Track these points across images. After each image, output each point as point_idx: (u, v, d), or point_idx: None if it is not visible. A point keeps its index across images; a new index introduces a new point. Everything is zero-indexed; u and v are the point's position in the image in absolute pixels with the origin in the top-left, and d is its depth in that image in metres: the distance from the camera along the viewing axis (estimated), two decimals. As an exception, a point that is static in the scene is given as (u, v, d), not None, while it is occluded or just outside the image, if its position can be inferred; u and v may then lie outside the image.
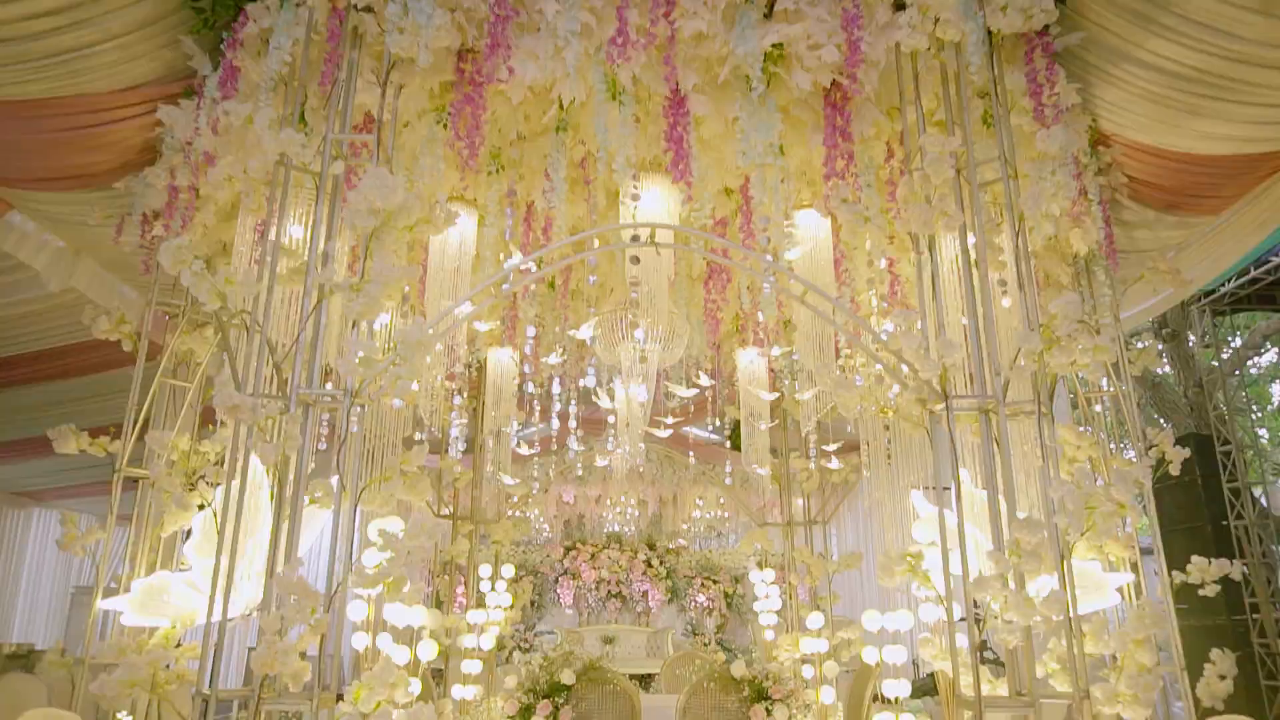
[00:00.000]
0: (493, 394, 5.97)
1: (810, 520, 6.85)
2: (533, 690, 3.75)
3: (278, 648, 2.82)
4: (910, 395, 3.41)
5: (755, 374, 6.02)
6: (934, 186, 3.36)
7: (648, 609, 11.73)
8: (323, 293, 3.29)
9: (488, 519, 6.69)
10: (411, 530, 3.11)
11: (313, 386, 3.27)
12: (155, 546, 4.60)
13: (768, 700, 3.75)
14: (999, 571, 2.97)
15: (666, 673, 6.43)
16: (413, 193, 3.39)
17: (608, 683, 3.85)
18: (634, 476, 11.33)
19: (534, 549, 12.15)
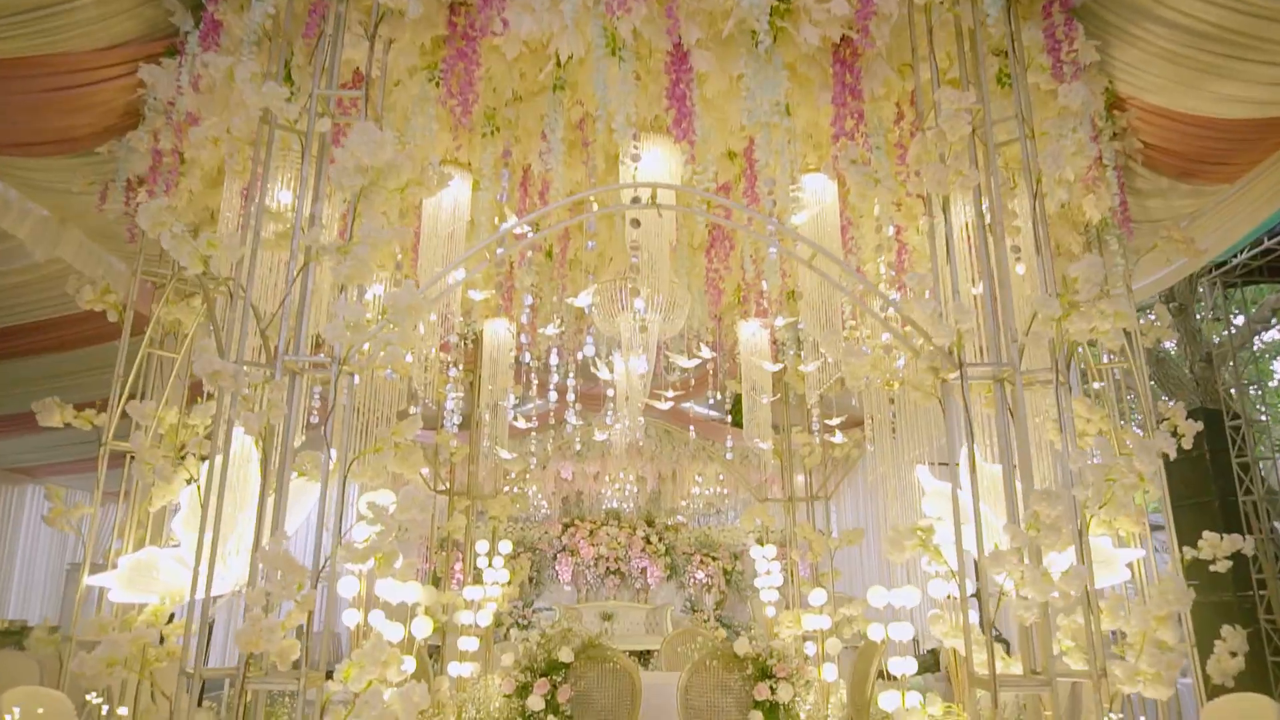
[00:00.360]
0: (489, 367, 5.82)
1: (812, 496, 6.73)
2: (530, 668, 3.62)
3: (262, 625, 2.68)
4: (923, 363, 3.26)
5: (758, 346, 5.87)
6: (949, 144, 3.20)
7: (646, 586, 11.63)
8: (309, 255, 3.13)
9: (485, 494, 6.56)
10: (403, 502, 2.97)
11: (300, 354, 3.12)
12: (144, 522, 4.47)
13: (772, 678, 3.63)
14: (1015, 546, 2.84)
15: (667, 650, 6.32)
16: (403, 152, 3.22)
17: (607, 660, 3.72)
18: (633, 453, 11.20)
19: (532, 526, 12.04)
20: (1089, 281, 3.00)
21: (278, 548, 2.73)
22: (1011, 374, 3.17)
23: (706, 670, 3.77)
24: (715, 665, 3.75)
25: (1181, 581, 2.97)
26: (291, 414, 3.14)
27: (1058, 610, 3.00)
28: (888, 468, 5.70)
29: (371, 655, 3.00)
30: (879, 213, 4.05)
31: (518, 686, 3.61)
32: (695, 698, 3.77)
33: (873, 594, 4.27)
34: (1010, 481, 3.16)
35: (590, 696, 3.72)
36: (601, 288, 4.62)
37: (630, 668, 3.76)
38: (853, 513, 10.60)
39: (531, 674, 3.62)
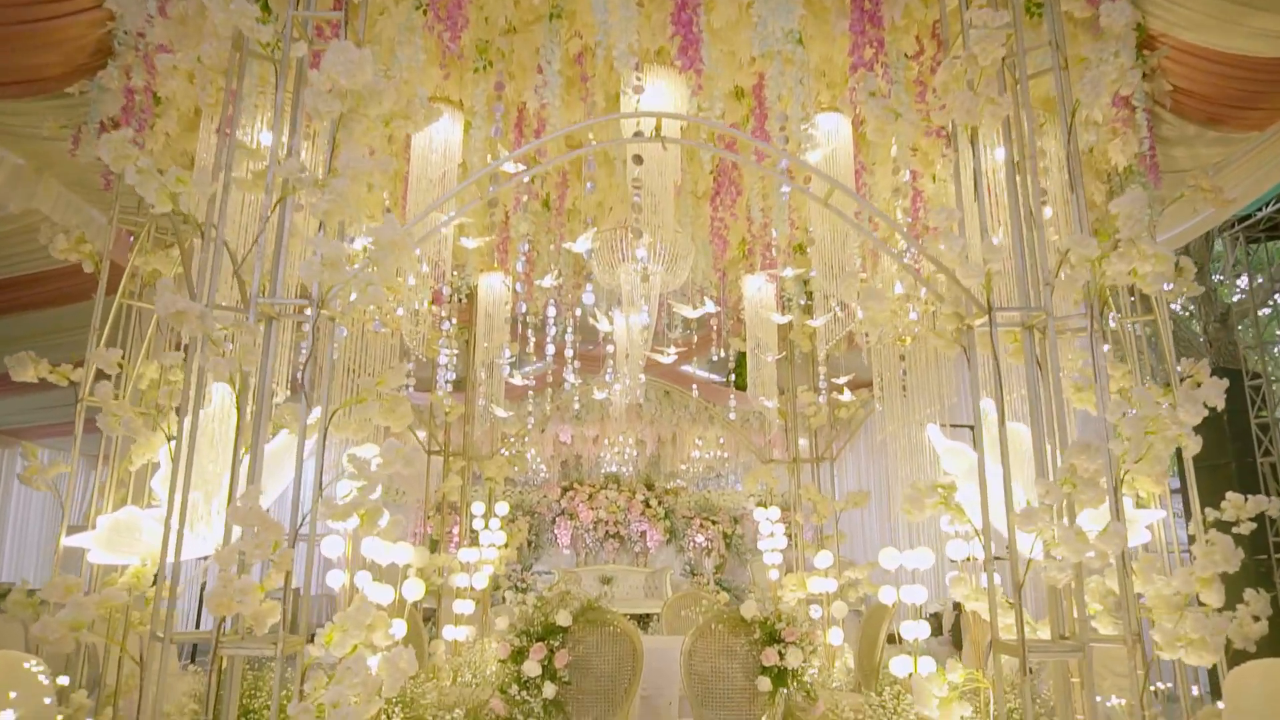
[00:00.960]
0: (484, 323, 5.57)
1: (817, 457, 6.51)
2: (526, 632, 3.42)
3: (234, 586, 2.46)
4: (946, 309, 3.01)
5: (763, 301, 5.62)
6: (979, 70, 2.93)
7: (645, 549, 11.48)
8: (285, 189, 2.87)
9: (480, 455, 6.34)
10: (386, 456, 2.73)
11: (276, 297, 2.87)
12: (126, 481, 4.26)
13: (780, 643, 3.42)
14: (1047, 502, 2.61)
15: (668, 613, 6.13)
16: (388, 82, 2.94)
17: (607, 624, 3.52)
18: (633, 416, 10.98)
19: (531, 489, 11.87)
20: (1131, 218, 2.74)
21: (251, 503, 2.50)
22: (1043, 319, 2.92)
23: (711, 634, 3.56)
24: (721, 629, 3.54)
25: (1229, 541, 2.74)
26: (267, 362, 2.90)
27: (1091, 572, 2.78)
28: (897, 427, 5.49)
29: (355, 618, 2.78)
30: (895, 154, 3.78)
31: (512, 651, 3.40)
32: (699, 663, 3.57)
33: (884, 556, 4.05)
34: (1039, 436, 2.94)
35: (589, 662, 3.52)
36: (601, 235, 4.36)
37: (631, 632, 3.55)
38: (854, 476, 10.41)
39: (527, 638, 3.41)
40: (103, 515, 3.91)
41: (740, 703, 3.53)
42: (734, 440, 11.51)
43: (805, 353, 6.42)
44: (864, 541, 10.15)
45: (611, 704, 3.53)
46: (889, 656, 4.12)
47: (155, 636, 2.72)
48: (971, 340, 3.02)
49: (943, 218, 2.74)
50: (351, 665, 2.61)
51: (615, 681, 3.54)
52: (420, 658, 4.61)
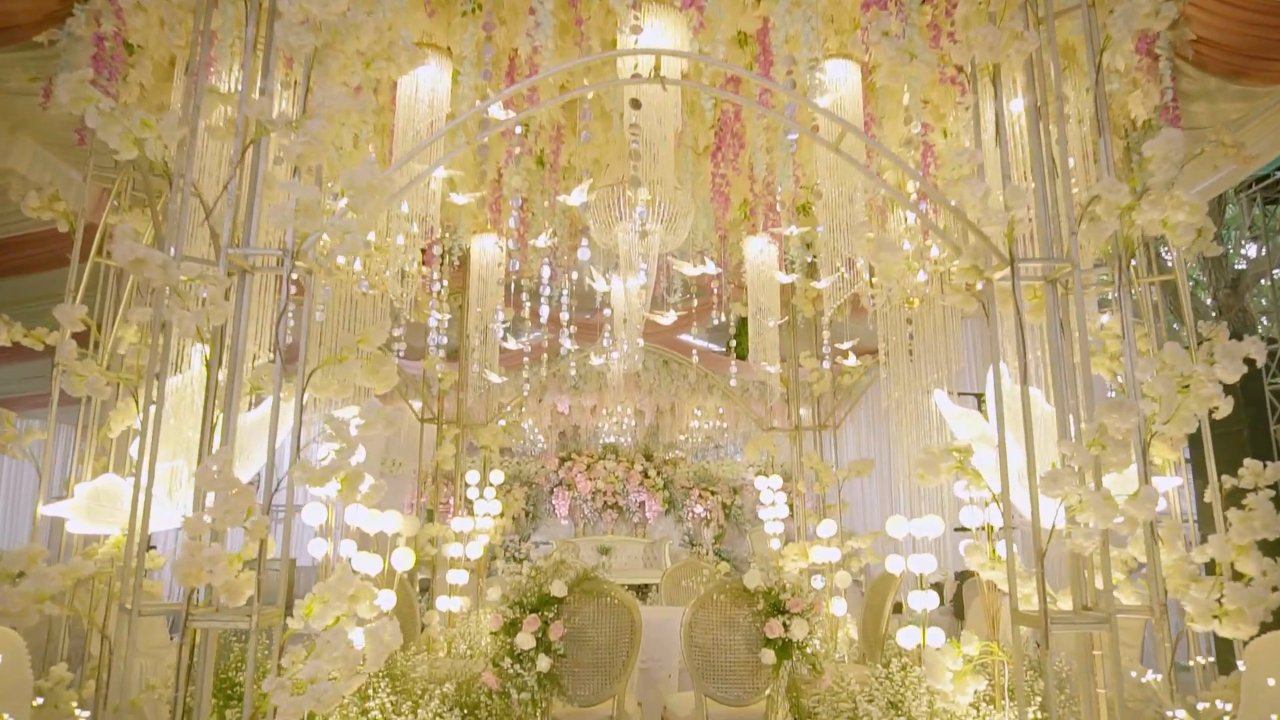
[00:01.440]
0: (477, 287, 5.36)
1: (820, 425, 6.34)
2: (519, 603, 3.25)
3: (203, 555, 2.28)
4: (964, 262, 2.81)
5: (765, 264, 5.41)
6: (1003, 2, 2.71)
7: (644, 520, 11.34)
8: (255, 131, 2.66)
9: (475, 423, 6.16)
10: (366, 415, 2.54)
11: (248, 247, 2.67)
12: (108, 449, 4.08)
13: (785, 614, 3.25)
14: (1073, 465, 2.43)
15: (667, 583, 5.96)
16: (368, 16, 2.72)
17: (604, 594, 3.34)
18: (631, 386, 10.79)
19: (529, 460, 11.71)
20: (1166, 160, 2.54)
21: (220, 466, 2.31)
22: (1067, 272, 2.73)
23: (713, 605, 3.39)
24: (723, 600, 3.38)
25: (1270, 507, 2.57)
26: (241, 318, 2.70)
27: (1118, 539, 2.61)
28: (903, 393, 5.30)
29: (337, 589, 2.61)
30: (908, 101, 3.55)
31: (505, 623, 3.23)
32: (700, 635, 3.41)
33: (892, 524, 3.88)
34: (1062, 396, 2.75)
35: (586, 634, 3.35)
36: (598, 191, 4.15)
37: (629, 602, 3.39)
38: (854, 445, 10.24)
39: (521, 610, 3.24)
40: (81, 483, 3.75)
41: (742, 675, 3.37)
42: (733, 410, 11.33)
43: (808, 318, 6.22)
44: (864, 512, 10.02)
45: (609, 677, 3.37)
46: (894, 628, 3.97)
47: (124, 609, 2.55)
48: (990, 295, 2.83)
49: (963, 159, 2.53)
50: (331, 639, 2.43)
51: (613, 654, 3.38)
52: (411, 630, 4.46)
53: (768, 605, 3.30)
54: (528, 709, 3.22)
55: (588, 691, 3.36)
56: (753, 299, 5.58)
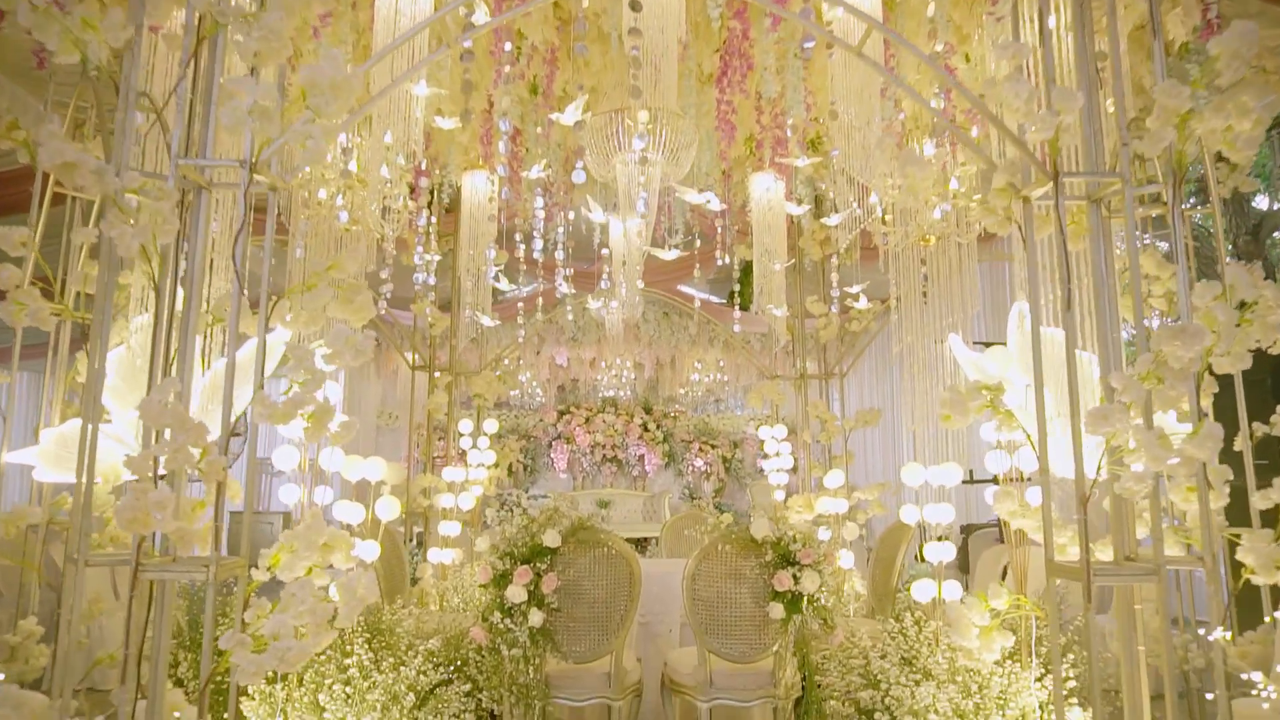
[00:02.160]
0: (469, 226, 5.05)
1: (826, 373, 6.07)
2: (509, 554, 3.00)
3: (149, 499, 2.01)
4: (999, 179, 2.51)
5: (772, 202, 5.09)
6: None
7: (644, 473, 11.14)
8: (210, 26, 2.34)
9: (468, 371, 5.89)
10: (333, 344, 2.27)
11: (204, 158, 2.37)
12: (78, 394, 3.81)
13: (795, 565, 3.01)
14: (1124, 400, 2.16)
15: (667, 535, 5.72)
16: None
17: (600, 545, 3.09)
18: (630, 338, 10.52)
19: (527, 413, 11.48)
20: (1237, 59, 2.22)
21: (167, 398, 2.04)
22: (1116, 189, 2.43)
23: (717, 556, 3.14)
24: (728, 551, 3.12)
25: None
26: (197, 238, 2.41)
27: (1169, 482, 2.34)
28: (915, 339, 5.03)
29: (306, 537, 2.35)
30: (932, 12, 3.22)
31: (494, 575, 2.99)
32: (704, 587, 3.16)
33: (907, 472, 3.63)
34: (1106, 328, 2.48)
35: (581, 586, 3.11)
36: (595, 119, 3.83)
37: (627, 553, 3.14)
38: (857, 397, 9.97)
39: (511, 561, 2.99)
40: (48, 429, 3.49)
41: (748, 630, 3.14)
42: (734, 363, 11.07)
43: (815, 261, 5.92)
44: (866, 464, 9.79)
45: (606, 632, 3.13)
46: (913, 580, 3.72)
47: (70, 559, 2.30)
48: (1028, 216, 2.54)
49: (1008, 53, 2.21)
50: (297, 591, 2.18)
51: (610, 608, 3.14)
52: (400, 583, 4.23)
53: (776, 556, 3.05)
54: (519, 666, 2.99)
55: (583, 647, 3.13)
56: (758, 241, 5.27)
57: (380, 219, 4.49)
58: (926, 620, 3.44)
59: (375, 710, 2.67)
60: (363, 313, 2.67)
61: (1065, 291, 2.35)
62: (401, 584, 4.20)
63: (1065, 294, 2.36)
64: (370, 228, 4.49)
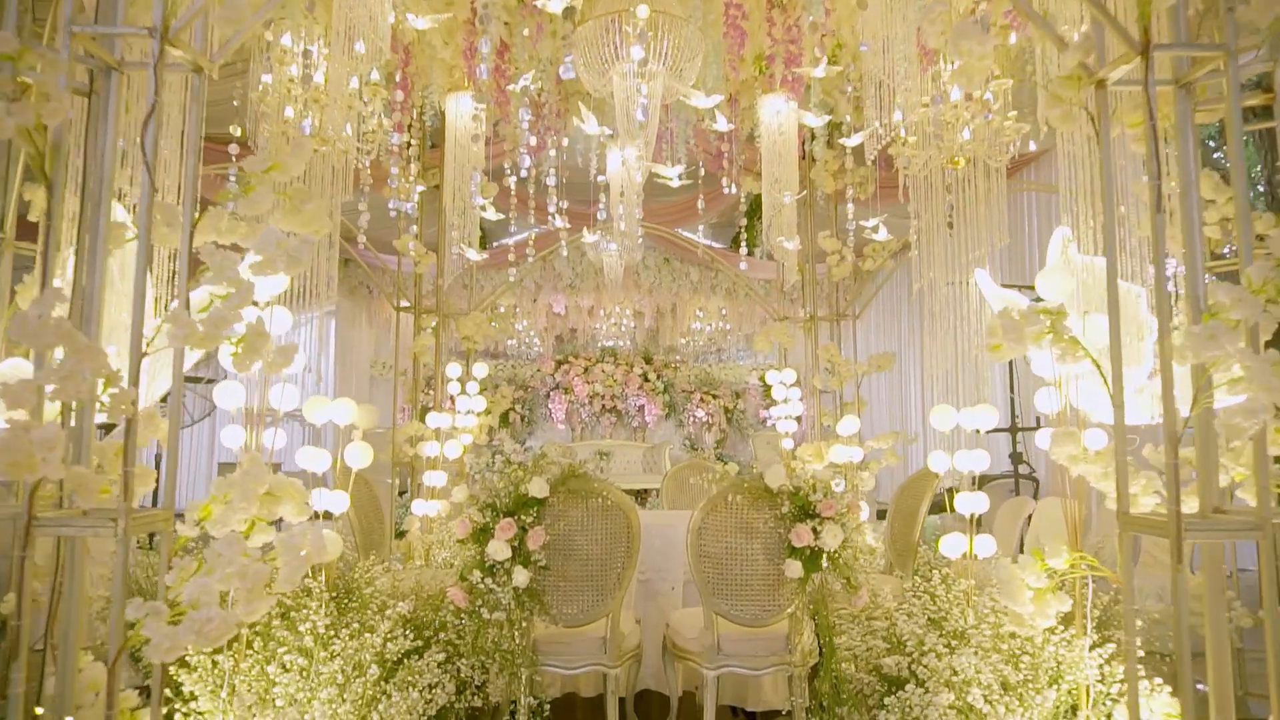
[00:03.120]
0: (454, 153, 4.59)
1: (838, 315, 5.64)
2: (491, 506, 2.61)
3: (32, 439, 1.61)
4: (1069, 57, 2.07)
5: (783, 127, 4.62)
6: None
7: (644, 424, 10.77)
8: None
9: (456, 312, 5.47)
10: (262, 249, 1.85)
11: (113, 25, 1.92)
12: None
13: (815, 518, 2.63)
14: (1235, 317, 1.75)
15: (669, 485, 5.32)
16: None
17: (594, 495, 2.70)
18: (630, 285, 10.07)
19: (524, 364, 11.08)
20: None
21: (44, 311, 1.62)
22: (1211, 69, 1.99)
23: (726, 508, 2.75)
24: (739, 502, 2.73)
25: None
26: (107, 128, 1.97)
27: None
28: (938, 275, 4.61)
29: (243, 486, 1.95)
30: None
31: (474, 530, 2.60)
32: (711, 542, 2.78)
33: (938, 415, 3.23)
34: (1193, 234, 2.05)
35: (573, 541, 2.72)
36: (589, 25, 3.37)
37: (625, 504, 2.75)
38: (865, 342, 9.53)
39: (493, 513, 2.60)
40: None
41: (760, 590, 2.76)
42: (737, 311, 10.63)
43: (828, 194, 5.45)
44: (871, 413, 9.39)
45: (601, 592, 2.76)
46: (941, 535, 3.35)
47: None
48: (1102, 105, 2.09)
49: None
50: (223, 550, 1.79)
51: (606, 565, 2.76)
52: (379, 537, 3.86)
53: (794, 508, 2.66)
54: (503, 630, 2.61)
55: (576, 609, 2.75)
56: (767, 171, 4.81)
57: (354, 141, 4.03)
58: (955, 579, 3.07)
59: (334, 684, 2.30)
60: (314, 223, 2.25)
61: (1155, 191, 1.92)
62: (380, 539, 3.83)
63: (1153, 197, 1.93)
64: (342, 150, 4.03)
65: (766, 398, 10.90)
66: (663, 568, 3.53)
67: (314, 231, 2.28)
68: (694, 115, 4.97)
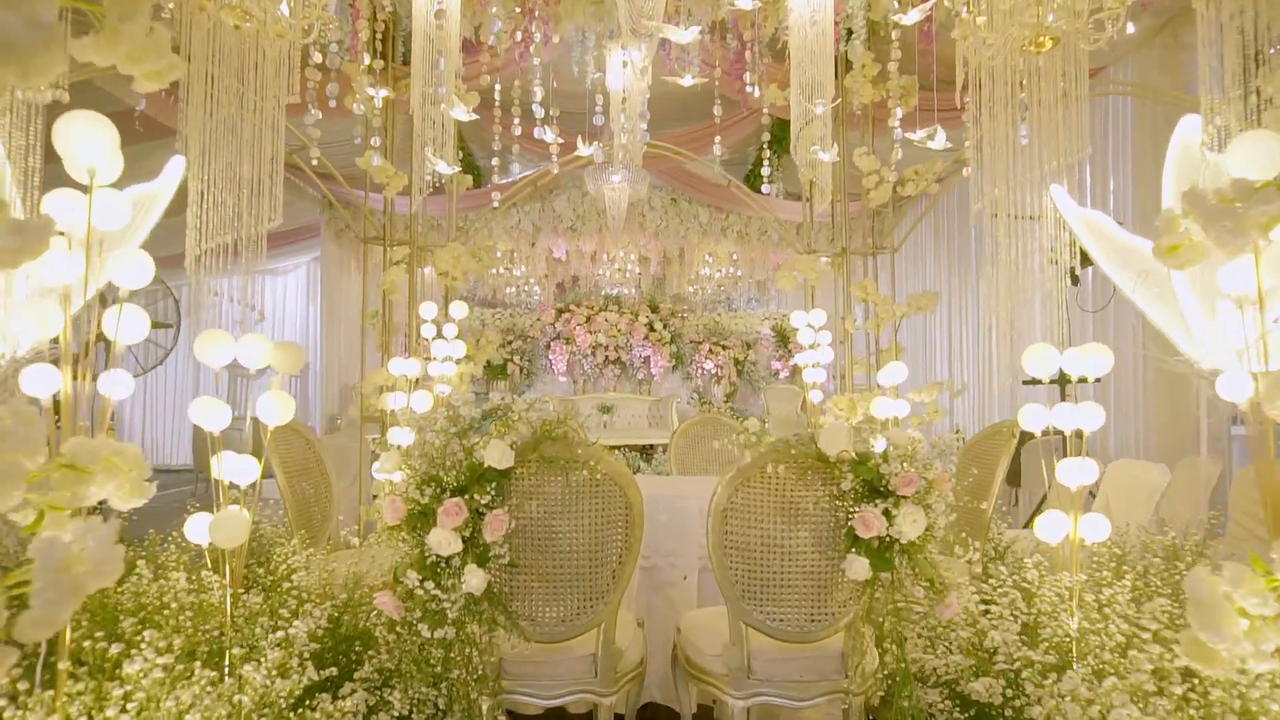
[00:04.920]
0: (423, 46, 3.72)
1: (875, 248, 4.80)
2: (433, 480, 1.82)
3: None
4: None
5: (816, 17, 3.73)
6: None
7: (649, 376, 9.97)
8: None
9: (431, 244, 4.64)
10: None
11: None
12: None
13: (888, 496, 1.84)
14: None
15: (678, 445, 4.42)
16: None
17: (579, 465, 1.89)
18: (634, 227, 9.18)
19: (523, 312, 10.25)
20: None
21: None
22: None
23: (763, 482, 1.94)
24: (780, 474, 1.92)
25: None
26: None
27: None
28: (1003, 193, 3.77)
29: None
30: None
31: (407, 514, 1.82)
32: (742, 528, 1.98)
33: (1032, 356, 2.41)
34: None
35: (551, 528, 1.92)
36: None
37: (620, 475, 1.94)
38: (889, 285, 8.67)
39: (435, 490, 1.81)
40: None
41: (808, 594, 1.97)
42: (749, 256, 9.74)
43: (865, 104, 4.57)
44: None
45: (589, 595, 1.97)
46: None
47: None
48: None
49: None
50: None
51: (595, 559, 1.96)
52: (322, 513, 3.08)
53: (859, 483, 1.85)
54: (454, 651, 1.83)
55: (555, 618, 1.97)
56: (796, 75, 3.93)
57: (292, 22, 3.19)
58: (1045, 571, 2.29)
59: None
60: (143, 57, 1.43)
61: None
62: (325, 513, 3.06)
63: None
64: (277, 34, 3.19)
65: (780, 348, 10.07)
66: (672, 551, 2.74)
67: (146, 73, 1.47)
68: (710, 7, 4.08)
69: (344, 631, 2.01)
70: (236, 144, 3.62)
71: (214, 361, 2.26)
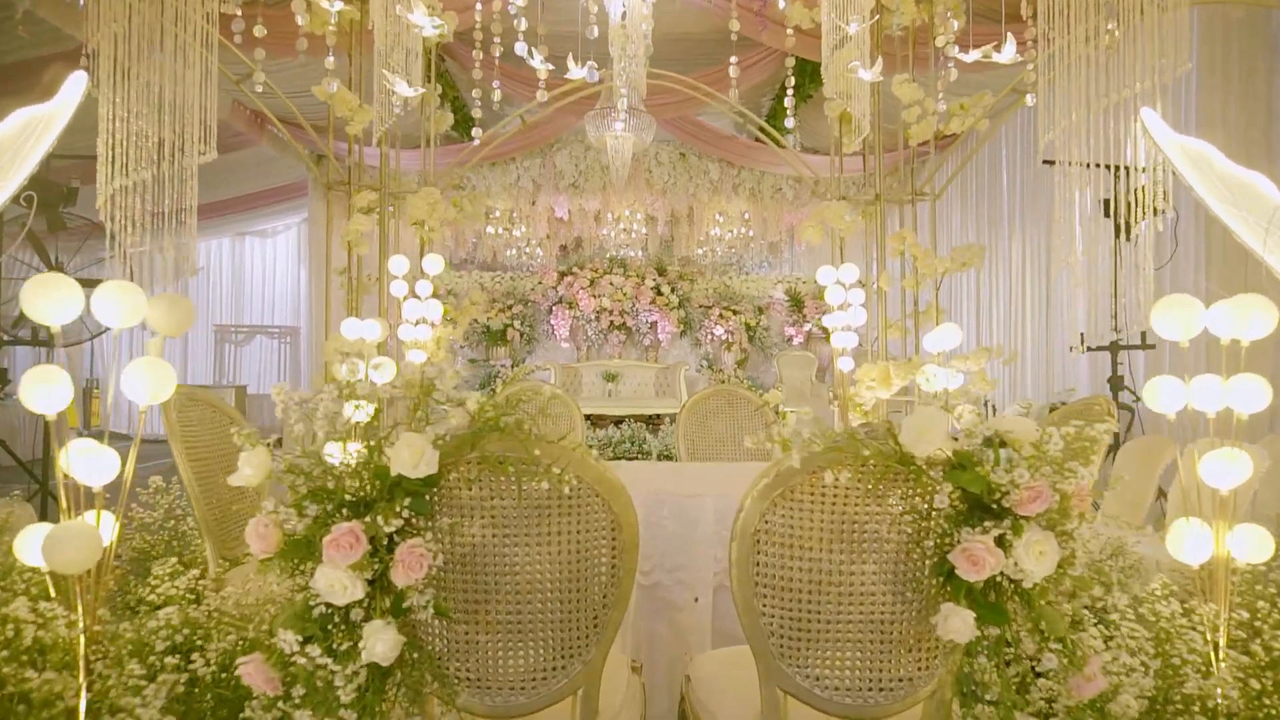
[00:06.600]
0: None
1: (915, 193, 4.12)
2: (321, 492, 1.20)
3: None
4: None
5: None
6: None
7: (656, 342, 9.33)
8: None
9: (402, 190, 3.98)
10: None
11: None
12: None
13: (1004, 517, 1.21)
14: None
15: (687, 422, 3.69)
16: None
17: (540, 470, 1.25)
18: (640, 184, 8.50)
19: (524, 275, 9.60)
20: None
21: None
22: None
23: (812, 493, 1.31)
24: (841, 485, 1.29)
25: None
26: None
27: None
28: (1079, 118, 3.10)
29: None
30: None
31: (282, 544, 1.21)
32: (779, 559, 1.35)
33: (1168, 312, 1.77)
34: None
35: (503, 557, 1.30)
36: None
37: (602, 483, 1.31)
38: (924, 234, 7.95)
39: (325, 506, 1.19)
40: None
41: (875, 651, 1.35)
42: (761, 215, 9.04)
43: (905, 27, 3.86)
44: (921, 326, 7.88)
45: (561, 651, 1.36)
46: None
47: None
48: None
49: None
50: None
51: (570, 602, 1.34)
52: (255, 509, 2.48)
53: (963, 499, 1.22)
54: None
55: (512, 680, 1.35)
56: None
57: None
58: (1189, 598, 1.68)
59: None
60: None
61: None
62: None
63: None
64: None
65: (794, 313, 9.41)
66: (680, 564, 2.11)
67: None
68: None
69: (222, 693, 1.40)
70: (157, 60, 3.00)
71: (51, 318, 1.64)
